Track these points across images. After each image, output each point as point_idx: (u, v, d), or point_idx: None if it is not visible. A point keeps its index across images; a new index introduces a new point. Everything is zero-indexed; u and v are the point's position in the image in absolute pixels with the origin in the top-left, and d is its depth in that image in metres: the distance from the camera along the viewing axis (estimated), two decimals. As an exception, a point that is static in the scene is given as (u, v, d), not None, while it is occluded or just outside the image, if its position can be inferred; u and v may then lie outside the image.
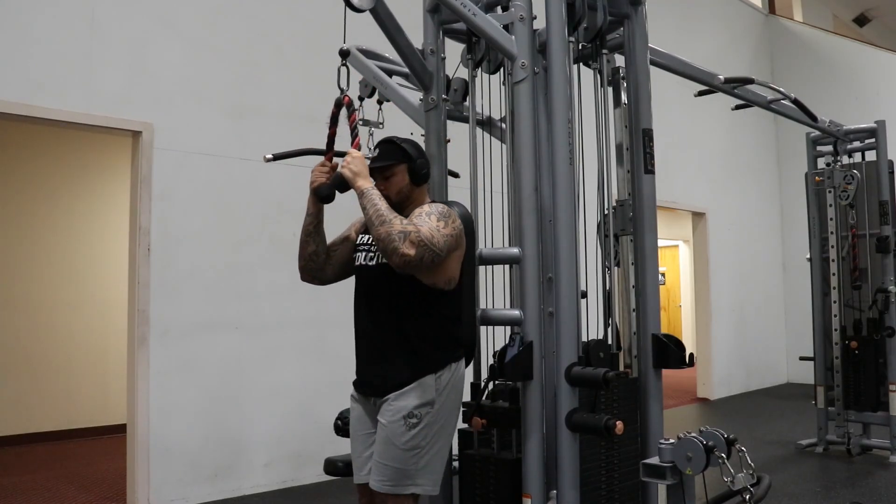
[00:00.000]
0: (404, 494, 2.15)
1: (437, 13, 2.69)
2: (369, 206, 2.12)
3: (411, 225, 2.09)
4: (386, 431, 2.16)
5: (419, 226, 2.10)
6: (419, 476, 2.16)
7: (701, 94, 4.09)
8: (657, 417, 2.55)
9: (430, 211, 2.18)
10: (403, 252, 2.05)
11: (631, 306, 2.81)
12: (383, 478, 2.15)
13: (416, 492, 2.16)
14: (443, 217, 2.17)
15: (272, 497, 4.37)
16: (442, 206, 2.23)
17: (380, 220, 2.08)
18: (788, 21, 10.24)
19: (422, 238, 2.07)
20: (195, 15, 4.45)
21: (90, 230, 6.41)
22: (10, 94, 3.70)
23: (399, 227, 2.06)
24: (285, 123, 4.74)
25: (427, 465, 2.17)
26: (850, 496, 4.15)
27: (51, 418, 6.04)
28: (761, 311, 9.12)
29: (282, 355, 4.60)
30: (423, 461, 2.16)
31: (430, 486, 2.19)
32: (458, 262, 2.24)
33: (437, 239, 2.10)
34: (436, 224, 2.13)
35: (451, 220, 2.18)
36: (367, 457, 2.28)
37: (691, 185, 8.09)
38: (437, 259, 2.12)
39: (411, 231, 2.06)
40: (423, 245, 2.06)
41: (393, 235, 2.05)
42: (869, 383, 5.11)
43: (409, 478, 2.14)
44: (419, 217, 2.16)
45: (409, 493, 2.15)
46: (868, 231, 5.21)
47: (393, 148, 2.30)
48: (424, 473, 2.17)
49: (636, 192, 2.67)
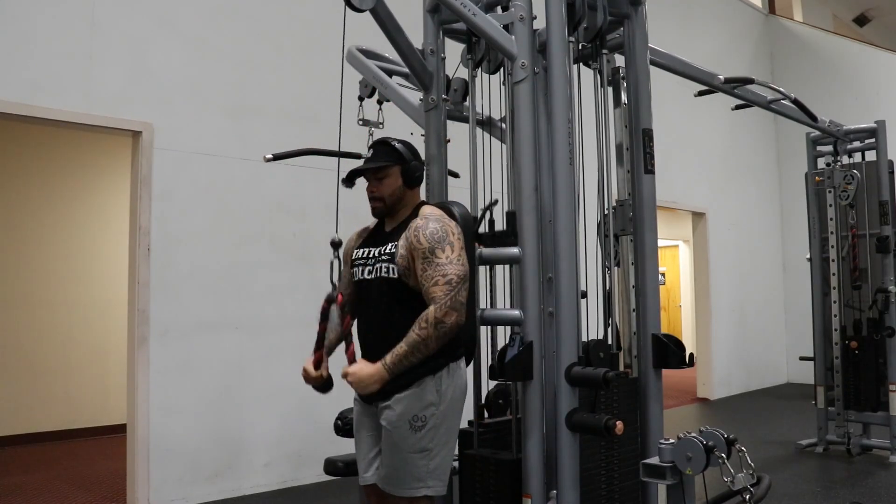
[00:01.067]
0: (418, 497, 2.16)
1: (437, 13, 2.70)
2: (405, 362, 2.11)
3: (431, 310, 2.09)
4: (392, 437, 2.16)
5: (434, 292, 2.10)
6: (430, 478, 2.17)
7: (701, 94, 4.10)
8: (657, 417, 2.55)
9: (430, 247, 2.14)
10: (455, 322, 2.10)
11: (631, 306, 2.81)
12: (397, 482, 2.16)
13: (428, 493, 2.17)
14: (441, 242, 2.14)
15: (272, 497, 4.37)
16: (433, 227, 2.17)
17: (422, 348, 2.09)
18: (788, 21, 10.24)
19: (447, 304, 2.08)
20: (195, 15, 4.45)
21: (90, 230, 6.40)
22: (10, 94, 3.70)
23: (431, 332, 2.08)
24: (285, 123, 4.74)
25: (437, 467, 2.18)
26: (850, 496, 4.15)
27: (51, 418, 6.04)
28: (761, 311, 9.12)
29: (282, 355, 4.60)
30: (434, 463, 2.17)
31: (440, 487, 2.20)
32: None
33: (453, 275, 2.11)
34: (443, 259, 2.12)
35: (448, 237, 2.15)
36: (371, 458, 2.29)
37: (691, 185, 8.09)
38: (467, 281, 2.15)
39: (437, 317, 2.08)
40: (453, 300, 2.09)
41: (438, 334, 2.08)
42: (869, 383, 5.11)
43: (420, 480, 2.15)
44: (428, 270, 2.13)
45: (423, 496, 2.16)
46: (868, 231, 5.21)
47: (387, 149, 2.29)
48: (436, 475, 2.18)
49: (636, 192, 2.67)
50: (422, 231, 2.16)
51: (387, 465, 2.18)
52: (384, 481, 2.19)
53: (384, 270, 2.22)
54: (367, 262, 2.29)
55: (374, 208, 2.32)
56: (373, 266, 2.26)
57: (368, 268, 2.28)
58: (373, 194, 2.30)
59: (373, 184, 2.29)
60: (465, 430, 2.54)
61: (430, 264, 2.12)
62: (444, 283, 2.10)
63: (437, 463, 2.17)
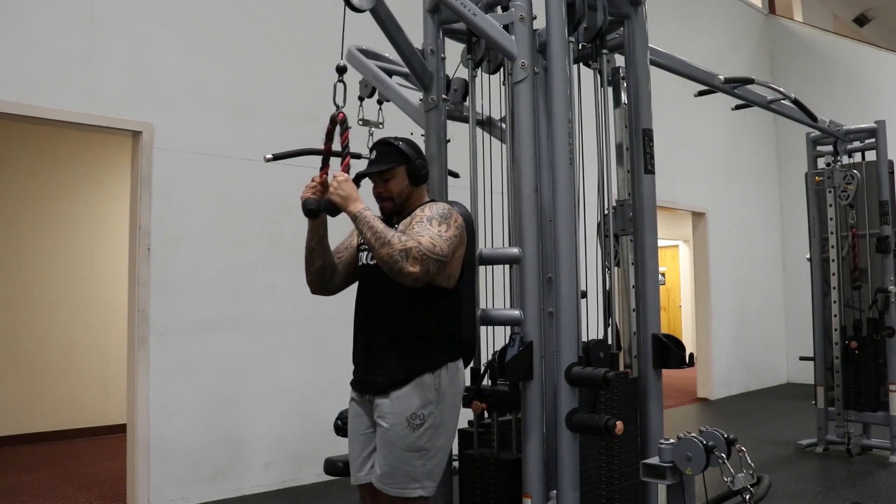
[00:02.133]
0: (413, 497, 2.15)
1: (437, 13, 2.70)
2: (365, 229, 2.09)
3: (411, 240, 2.05)
4: (389, 434, 2.15)
5: (419, 237, 2.08)
6: (426, 479, 2.16)
7: (701, 94, 4.10)
8: (657, 417, 2.55)
9: (430, 215, 2.16)
10: (408, 271, 2.03)
11: (631, 306, 2.81)
12: (391, 480, 2.15)
13: (423, 494, 2.16)
14: (444, 219, 2.15)
15: (272, 497, 4.37)
16: (442, 207, 2.20)
17: (379, 241, 2.05)
18: (788, 21, 10.24)
19: (423, 251, 2.04)
20: (195, 15, 4.45)
21: (90, 230, 6.40)
22: (10, 94, 3.70)
23: (399, 246, 2.03)
24: (285, 123, 4.74)
25: (434, 468, 2.17)
26: (850, 496, 4.14)
27: (51, 418, 6.04)
28: (761, 311, 9.12)
29: (282, 355, 4.60)
30: (430, 464, 2.16)
31: (433, 488, 2.19)
32: (458, 260, 2.23)
33: (439, 246, 2.09)
34: (437, 230, 2.12)
35: (452, 221, 2.17)
36: (365, 457, 2.28)
37: (691, 185, 8.09)
38: (442, 265, 2.11)
39: (412, 247, 2.03)
40: (425, 258, 2.04)
41: (395, 256, 2.03)
42: (869, 383, 5.11)
43: (416, 480, 2.14)
44: (419, 225, 2.13)
45: (418, 496, 2.15)
46: (868, 231, 5.21)
47: (390, 150, 2.27)
48: (431, 476, 2.17)
49: (636, 192, 2.67)
50: (427, 208, 2.21)
51: (382, 464, 2.16)
52: (381, 480, 2.17)
53: None
54: None
55: (382, 208, 2.32)
56: None
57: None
58: (381, 195, 2.29)
59: (379, 185, 2.28)
60: (465, 430, 2.54)
61: (421, 225, 2.13)
62: (429, 241, 2.07)
63: (433, 464, 2.17)
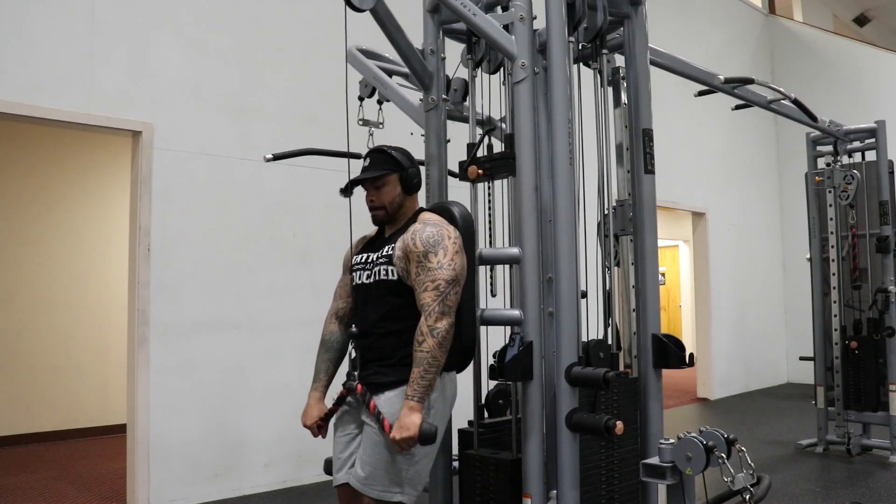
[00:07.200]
0: (392, 501, 2.12)
1: (437, 13, 2.69)
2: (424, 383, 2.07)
3: (422, 316, 2.08)
4: (377, 435, 2.14)
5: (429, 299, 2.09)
6: (407, 485, 2.14)
7: (701, 94, 4.10)
8: (657, 417, 2.55)
9: (424, 251, 2.13)
10: (449, 324, 2.09)
11: (631, 306, 2.81)
12: (372, 482, 2.12)
13: (402, 500, 2.13)
14: (440, 247, 2.13)
15: (272, 497, 4.38)
16: (431, 232, 2.16)
17: (430, 361, 2.06)
18: (788, 21, 10.24)
19: (438, 307, 2.07)
20: (195, 15, 4.45)
21: (90, 230, 6.41)
22: (10, 94, 3.70)
23: (427, 334, 2.06)
24: (285, 123, 4.74)
25: (416, 474, 2.16)
26: (850, 496, 4.14)
27: (51, 418, 6.04)
28: (761, 311, 9.12)
29: (282, 355, 4.60)
30: (413, 470, 2.15)
31: (413, 496, 2.17)
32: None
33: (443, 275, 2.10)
34: (436, 264, 2.11)
35: (445, 241, 2.14)
36: (345, 458, 2.28)
37: (691, 185, 8.09)
38: (460, 285, 2.14)
39: (440, 327, 2.06)
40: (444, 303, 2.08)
41: (445, 345, 2.07)
42: (869, 383, 5.11)
43: (398, 485, 2.13)
44: (427, 274, 2.11)
45: (397, 501, 2.13)
46: (868, 231, 5.21)
47: (384, 157, 2.28)
48: (413, 483, 2.15)
49: (636, 192, 2.67)
50: (418, 235, 2.16)
51: (366, 465, 2.15)
52: (362, 481, 2.14)
53: (383, 273, 2.21)
54: (365, 266, 2.29)
55: (374, 216, 2.32)
56: (371, 270, 2.25)
57: (367, 272, 2.27)
58: (373, 203, 2.29)
59: (372, 193, 2.28)
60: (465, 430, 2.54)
61: (423, 269, 2.13)
62: (433, 288, 2.09)
63: (416, 470, 2.15)
